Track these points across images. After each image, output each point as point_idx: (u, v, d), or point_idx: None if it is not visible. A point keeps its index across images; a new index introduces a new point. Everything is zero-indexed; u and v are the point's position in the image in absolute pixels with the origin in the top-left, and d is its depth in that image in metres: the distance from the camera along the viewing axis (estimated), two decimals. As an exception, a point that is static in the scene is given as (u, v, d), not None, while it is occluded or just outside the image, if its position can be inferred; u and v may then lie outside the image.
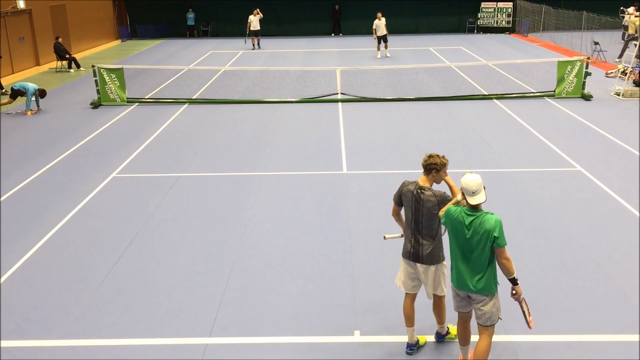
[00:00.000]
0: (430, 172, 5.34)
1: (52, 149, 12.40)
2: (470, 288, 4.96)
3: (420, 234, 5.37)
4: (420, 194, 5.30)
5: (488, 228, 4.78)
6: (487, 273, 4.90)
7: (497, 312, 5.03)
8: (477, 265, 4.90)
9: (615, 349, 5.70)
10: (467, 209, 4.92)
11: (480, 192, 4.84)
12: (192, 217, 8.91)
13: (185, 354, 5.73)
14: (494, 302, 5.00)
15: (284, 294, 6.74)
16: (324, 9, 32.85)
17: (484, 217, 4.84)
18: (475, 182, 4.82)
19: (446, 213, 5.04)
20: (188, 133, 13.51)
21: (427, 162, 5.34)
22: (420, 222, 5.35)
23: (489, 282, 4.93)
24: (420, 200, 5.29)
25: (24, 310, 6.54)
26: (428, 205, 5.26)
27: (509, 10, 32.23)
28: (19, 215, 9.10)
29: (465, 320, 5.28)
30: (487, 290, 4.94)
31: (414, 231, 5.41)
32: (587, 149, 11.75)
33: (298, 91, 17.77)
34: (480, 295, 4.97)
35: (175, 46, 29.59)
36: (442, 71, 20.52)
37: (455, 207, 5.01)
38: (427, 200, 5.26)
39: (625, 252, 7.55)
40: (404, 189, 5.44)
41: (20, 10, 22.21)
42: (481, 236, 4.82)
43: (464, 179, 4.86)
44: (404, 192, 5.44)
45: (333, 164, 11.17)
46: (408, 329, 5.64)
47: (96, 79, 16.29)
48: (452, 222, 4.98)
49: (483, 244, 4.82)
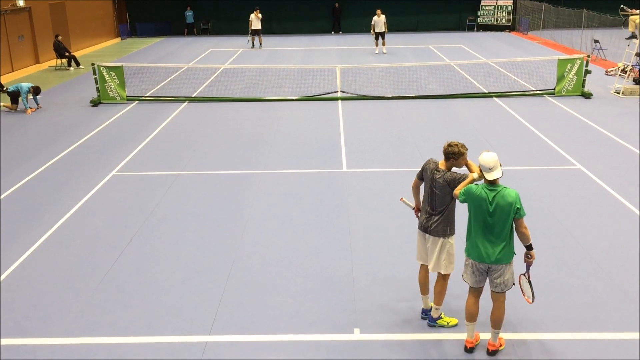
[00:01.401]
0: (449, 160, 5.74)
1: (52, 147, 12.40)
2: (492, 259, 5.33)
3: (433, 209, 5.84)
4: (434, 173, 5.79)
5: (510, 201, 5.20)
6: (508, 243, 5.32)
7: (511, 279, 5.45)
8: (499, 237, 5.30)
9: (614, 347, 5.70)
10: (486, 185, 5.32)
11: (497, 169, 5.29)
12: (192, 215, 8.91)
13: (185, 352, 5.73)
14: (510, 270, 5.42)
15: (284, 292, 6.74)
16: (324, 7, 32.83)
17: (504, 191, 5.26)
18: (492, 159, 5.28)
19: (466, 191, 5.40)
20: (188, 131, 13.50)
21: (446, 150, 5.72)
22: (434, 199, 5.83)
23: (509, 251, 5.35)
24: (434, 179, 5.78)
25: (24, 308, 6.54)
26: (438, 185, 5.76)
27: (509, 8, 32.21)
28: (19, 213, 9.10)
29: (476, 297, 5.60)
30: (506, 259, 5.35)
31: (429, 205, 5.88)
32: (587, 147, 11.75)
33: (298, 89, 17.77)
34: (499, 265, 5.35)
35: (174, 44, 29.57)
36: (442, 69, 20.51)
37: (475, 185, 5.38)
38: (437, 181, 5.76)
39: (624, 250, 7.56)
40: (426, 166, 5.92)
41: (19, 9, 22.18)
42: (503, 208, 5.22)
43: (482, 157, 5.33)
44: (425, 169, 5.93)
45: (333, 162, 11.17)
46: (423, 297, 6.20)
47: (96, 77, 16.27)
48: (474, 198, 5.34)
49: (506, 215, 5.23)
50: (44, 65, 23.44)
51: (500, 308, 5.50)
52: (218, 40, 30.99)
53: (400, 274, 7.07)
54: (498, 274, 5.37)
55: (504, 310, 5.52)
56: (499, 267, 5.35)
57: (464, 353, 5.62)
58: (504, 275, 5.38)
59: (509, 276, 5.41)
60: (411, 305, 6.42)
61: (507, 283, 5.42)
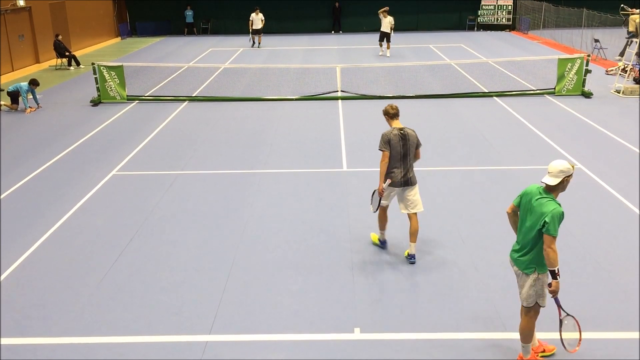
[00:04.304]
0: (399, 117, 7.12)
1: (52, 147, 12.39)
2: (514, 259, 5.24)
3: (409, 164, 7.05)
4: (404, 133, 6.97)
5: (544, 211, 4.96)
6: (530, 252, 5.10)
7: (534, 296, 5.16)
8: (524, 241, 5.14)
9: (614, 347, 5.70)
10: (542, 189, 5.13)
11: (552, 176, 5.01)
12: (192, 214, 8.91)
13: (185, 352, 5.73)
14: (533, 285, 5.14)
15: (284, 291, 6.74)
16: (324, 7, 32.82)
17: (548, 201, 5.02)
18: (554, 166, 5.03)
19: (525, 192, 5.22)
20: (188, 131, 13.50)
21: (397, 110, 7.17)
22: (408, 155, 7.00)
23: (530, 262, 5.11)
24: (406, 136, 6.96)
25: (24, 307, 6.54)
26: (412, 139, 6.99)
27: (509, 7, 32.20)
28: (19, 213, 9.10)
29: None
30: (527, 268, 5.13)
31: (404, 164, 7.01)
32: (587, 147, 11.74)
33: (298, 89, 17.76)
34: (520, 272, 5.19)
35: (175, 44, 29.56)
36: (443, 69, 20.50)
37: (534, 185, 5.21)
38: (411, 134, 7.01)
39: (625, 250, 7.55)
40: (390, 136, 6.98)
41: (20, 8, 22.18)
42: (535, 215, 5.02)
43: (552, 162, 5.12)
44: (392, 138, 6.97)
45: (333, 161, 11.16)
46: (381, 232, 7.55)
47: (96, 76, 16.27)
48: (529, 198, 5.15)
49: (534, 223, 5.02)
50: (44, 65, 23.44)
51: (523, 321, 5.29)
52: (218, 39, 30.99)
53: (400, 274, 7.07)
54: (521, 282, 5.21)
55: (526, 325, 5.27)
56: (520, 273, 5.19)
57: (464, 352, 5.62)
58: (524, 286, 5.18)
59: (529, 290, 5.15)
60: (412, 305, 6.43)
61: (526, 297, 5.17)
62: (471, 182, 9.96)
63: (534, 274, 5.12)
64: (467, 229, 8.24)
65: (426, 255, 7.52)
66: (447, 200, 9.21)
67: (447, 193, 9.50)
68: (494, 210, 8.79)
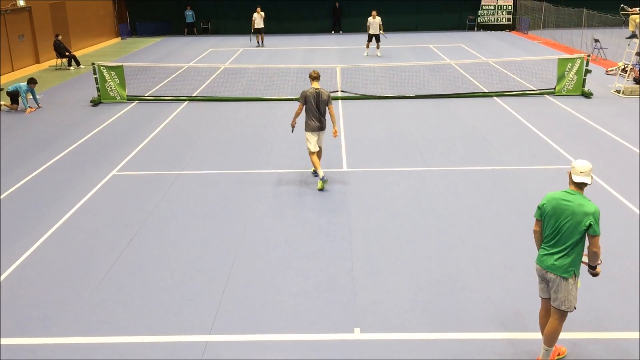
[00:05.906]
0: (318, 80, 9.85)
1: (52, 147, 12.40)
2: (549, 265, 5.13)
3: (322, 115, 9.68)
4: (319, 92, 9.64)
5: (586, 211, 4.92)
6: (571, 254, 5.05)
7: (572, 300, 5.15)
8: (564, 244, 5.05)
9: (614, 347, 5.70)
10: (568, 190, 5.10)
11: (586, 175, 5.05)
12: (192, 214, 8.91)
13: (185, 352, 5.73)
14: (569, 289, 5.11)
15: (284, 292, 6.74)
16: (324, 7, 32.82)
17: (586, 201, 5.00)
18: (584, 166, 5.05)
19: (548, 197, 5.18)
20: (188, 131, 13.50)
21: (317, 75, 9.96)
22: (320, 109, 9.63)
23: (570, 264, 5.07)
24: (320, 94, 9.62)
25: (24, 307, 6.54)
26: (324, 97, 9.63)
27: (509, 7, 32.19)
28: (19, 213, 9.10)
29: (545, 309, 5.42)
30: (565, 272, 5.07)
31: (317, 114, 9.63)
32: (587, 147, 11.74)
33: (298, 89, 17.73)
34: (556, 277, 5.10)
35: (175, 44, 29.56)
36: (443, 69, 20.50)
37: (550, 193, 5.21)
38: (324, 93, 9.66)
39: (625, 250, 7.55)
40: (307, 93, 9.63)
41: (20, 8, 22.18)
42: (576, 216, 4.95)
43: (574, 161, 5.13)
44: (308, 95, 9.62)
45: (333, 161, 11.16)
46: (319, 170, 9.70)
47: (96, 76, 16.27)
48: (556, 202, 5.10)
49: (576, 223, 4.96)
50: (44, 65, 23.44)
51: (552, 324, 5.25)
52: (218, 39, 31.00)
53: (400, 274, 7.07)
54: (555, 287, 5.13)
55: (555, 328, 5.25)
56: (555, 278, 5.12)
57: (463, 353, 5.62)
58: (561, 291, 5.11)
59: (568, 295, 5.11)
60: (412, 305, 6.43)
61: (563, 300, 5.13)
62: (471, 182, 9.96)
63: (572, 278, 5.11)
64: (467, 229, 8.24)
65: (426, 255, 7.52)
66: (447, 200, 9.21)
67: (447, 193, 9.50)
68: (494, 210, 8.79)
